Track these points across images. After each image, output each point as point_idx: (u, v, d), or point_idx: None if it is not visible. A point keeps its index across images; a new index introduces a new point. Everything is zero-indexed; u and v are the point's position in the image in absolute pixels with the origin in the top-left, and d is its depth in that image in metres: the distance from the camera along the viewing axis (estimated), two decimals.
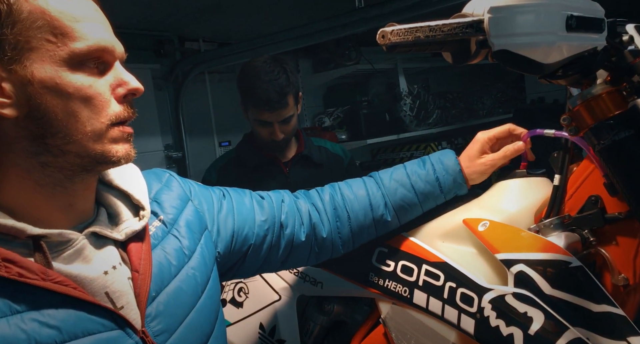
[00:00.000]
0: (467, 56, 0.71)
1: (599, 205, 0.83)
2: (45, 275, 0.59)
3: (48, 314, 0.59)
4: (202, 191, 0.91)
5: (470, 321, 0.86)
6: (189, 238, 0.80)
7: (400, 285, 0.99)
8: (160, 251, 0.74)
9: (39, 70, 0.60)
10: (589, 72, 0.76)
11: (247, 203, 0.95)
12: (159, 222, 0.78)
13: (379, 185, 1.02)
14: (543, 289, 0.78)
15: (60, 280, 0.60)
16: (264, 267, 0.96)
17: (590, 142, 0.78)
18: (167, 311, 0.70)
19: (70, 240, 0.64)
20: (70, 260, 0.64)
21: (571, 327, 0.74)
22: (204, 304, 0.77)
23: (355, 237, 1.01)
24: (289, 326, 1.17)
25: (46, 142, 0.62)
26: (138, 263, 0.69)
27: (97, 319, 0.62)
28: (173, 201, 0.82)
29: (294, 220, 0.96)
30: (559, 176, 0.89)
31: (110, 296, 0.65)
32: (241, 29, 2.85)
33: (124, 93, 0.67)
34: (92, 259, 0.66)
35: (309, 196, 1.03)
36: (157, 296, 0.70)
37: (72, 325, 0.60)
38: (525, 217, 0.91)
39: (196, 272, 0.78)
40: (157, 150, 2.76)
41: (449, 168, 0.99)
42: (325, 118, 3.23)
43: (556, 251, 0.79)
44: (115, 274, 0.67)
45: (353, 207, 1.00)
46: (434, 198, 1.00)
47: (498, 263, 0.86)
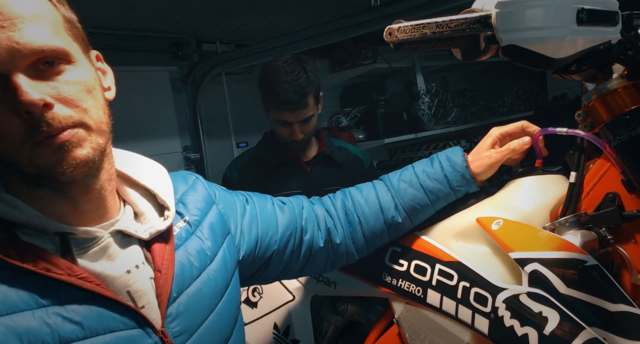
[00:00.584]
0: (477, 52, 0.70)
1: (617, 202, 0.80)
2: (71, 270, 0.60)
3: (72, 309, 0.60)
4: (226, 196, 0.91)
5: (485, 321, 0.85)
6: (212, 241, 0.80)
7: (414, 284, 0.98)
8: (183, 252, 0.75)
9: None
10: (604, 67, 0.74)
11: (270, 208, 0.95)
12: (183, 223, 0.78)
13: (388, 187, 1.01)
14: (558, 288, 0.77)
15: (85, 276, 0.61)
16: (284, 273, 0.97)
17: (606, 138, 0.76)
18: (187, 312, 0.71)
19: (96, 237, 0.65)
20: (95, 258, 0.65)
21: (587, 327, 0.72)
22: (224, 308, 0.78)
23: (369, 241, 1.00)
24: (303, 326, 1.18)
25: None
26: (161, 263, 0.70)
27: (119, 317, 0.63)
28: (198, 203, 0.83)
29: (312, 226, 0.97)
30: (575, 173, 0.86)
31: (132, 295, 0.66)
32: (257, 30, 2.86)
33: (23, 111, 0.58)
34: (116, 257, 0.67)
35: (323, 203, 1.03)
36: (178, 297, 0.70)
37: (94, 321, 0.61)
38: (540, 215, 0.89)
39: (217, 275, 0.78)
40: (176, 151, 2.80)
41: (456, 164, 0.98)
42: (342, 118, 3.22)
43: (572, 250, 0.78)
44: (137, 273, 0.68)
45: (364, 211, 1.00)
46: (444, 196, 0.99)
47: (512, 263, 0.84)
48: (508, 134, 0.99)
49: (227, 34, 2.93)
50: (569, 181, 0.87)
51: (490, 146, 0.98)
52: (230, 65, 2.78)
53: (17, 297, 0.57)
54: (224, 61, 2.78)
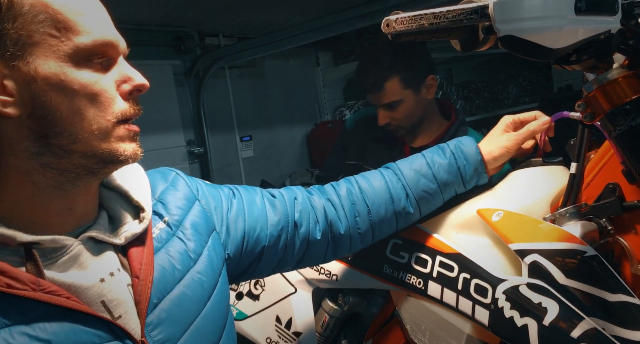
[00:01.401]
0: (476, 43, 0.70)
1: (617, 192, 0.80)
2: (36, 284, 0.56)
3: (39, 327, 0.56)
4: (210, 191, 0.87)
5: (485, 312, 0.85)
6: (195, 241, 0.76)
7: (415, 276, 0.98)
8: (163, 254, 0.71)
9: (43, 66, 0.58)
10: (604, 56, 0.73)
11: (259, 202, 0.91)
12: (163, 224, 0.74)
13: (398, 176, 0.98)
14: (558, 279, 0.77)
15: (53, 290, 0.57)
16: (279, 267, 0.93)
17: (607, 128, 0.76)
18: (170, 318, 0.67)
19: (65, 246, 0.61)
20: (65, 268, 0.61)
21: (586, 317, 0.72)
22: (211, 310, 0.74)
23: (376, 232, 0.97)
24: (304, 318, 1.18)
25: (50, 142, 0.60)
26: (138, 269, 0.66)
27: (92, 330, 0.59)
28: (179, 201, 0.79)
29: (308, 218, 0.92)
30: (576, 164, 0.86)
31: (107, 305, 0.62)
32: (260, 23, 2.85)
33: (130, 89, 0.65)
34: (88, 266, 0.63)
35: (324, 192, 0.99)
36: (159, 303, 0.67)
37: (64, 338, 0.57)
38: (540, 207, 0.89)
39: (202, 276, 0.74)
40: (180, 145, 2.81)
41: (469, 157, 0.96)
42: (346, 111, 3.22)
43: (571, 241, 0.78)
44: (113, 281, 0.64)
45: (373, 201, 0.96)
46: (455, 187, 0.98)
47: (512, 254, 0.84)
48: (520, 122, 0.98)
49: (230, 27, 2.93)
50: (570, 172, 0.87)
51: (503, 131, 0.98)
52: (233, 58, 2.78)
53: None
54: (227, 54, 2.78)
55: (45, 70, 0.58)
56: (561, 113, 0.90)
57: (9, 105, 0.58)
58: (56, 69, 0.58)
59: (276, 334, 1.21)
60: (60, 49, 0.59)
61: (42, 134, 0.60)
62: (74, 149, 0.61)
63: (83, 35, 0.60)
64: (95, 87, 0.61)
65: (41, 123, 0.59)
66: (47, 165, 0.61)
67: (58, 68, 0.58)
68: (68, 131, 0.60)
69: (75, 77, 0.59)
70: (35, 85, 0.58)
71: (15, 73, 0.57)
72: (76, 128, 0.60)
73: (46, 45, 0.58)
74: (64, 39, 0.59)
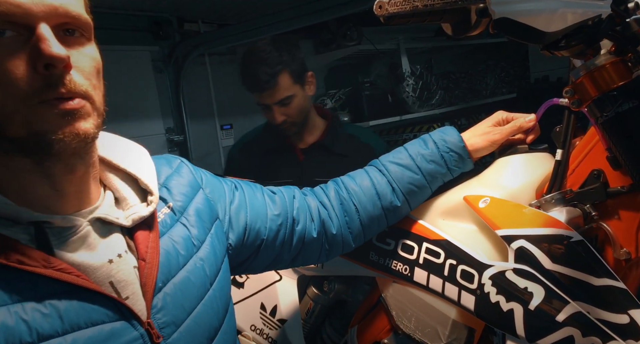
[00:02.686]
0: (468, 27, 0.69)
1: (602, 179, 0.81)
2: (47, 262, 0.56)
3: (50, 303, 0.56)
4: (214, 181, 0.88)
5: (471, 298, 0.86)
6: (199, 227, 0.76)
7: (401, 263, 0.98)
8: (168, 239, 0.71)
9: None
10: (592, 42, 0.73)
11: (260, 197, 0.92)
12: (167, 209, 0.74)
13: (382, 172, 0.99)
14: (544, 264, 0.77)
15: (63, 267, 0.57)
16: (274, 264, 0.94)
17: (593, 115, 0.76)
18: (174, 302, 0.67)
19: (74, 226, 0.61)
20: (74, 247, 0.61)
21: (572, 301, 0.73)
22: (213, 297, 0.74)
23: (366, 230, 0.98)
24: (290, 305, 1.18)
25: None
26: (145, 252, 0.66)
27: (101, 309, 0.59)
28: (183, 188, 0.79)
29: (305, 216, 0.94)
30: (561, 150, 0.87)
31: (115, 286, 0.62)
32: (241, 9, 2.81)
33: (42, 64, 0.56)
34: (96, 246, 0.63)
35: (316, 194, 1.00)
36: (164, 286, 0.67)
37: (75, 315, 0.57)
38: (526, 193, 0.90)
39: (205, 263, 0.74)
40: (159, 133, 2.75)
41: (452, 145, 0.97)
42: (327, 100, 3.20)
43: (557, 226, 0.78)
44: (120, 262, 0.64)
45: (360, 199, 0.97)
46: (441, 177, 0.99)
47: (499, 240, 0.85)
48: (511, 119, 1.00)
49: (210, 13, 2.87)
50: (555, 158, 0.87)
51: (493, 125, 0.99)
52: (213, 45, 2.73)
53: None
54: (207, 41, 2.73)
55: None
56: (551, 101, 0.90)
57: None
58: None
59: (261, 322, 1.20)
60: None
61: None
62: (2, 135, 0.57)
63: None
64: (4, 65, 0.55)
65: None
66: (4, 150, 0.58)
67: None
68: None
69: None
70: None
71: None
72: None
73: None
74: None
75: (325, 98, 3.21)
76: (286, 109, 1.58)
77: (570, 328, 0.73)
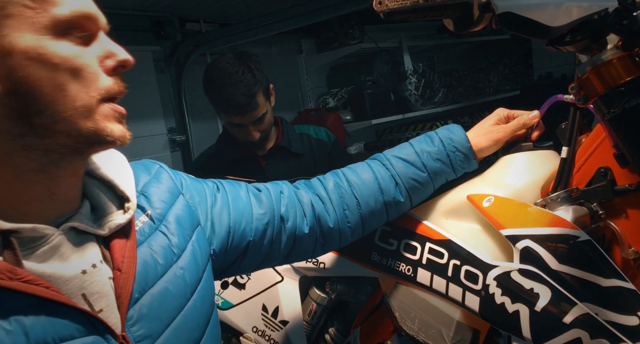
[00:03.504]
0: (470, 23, 0.68)
1: (609, 176, 0.79)
2: (13, 273, 0.53)
3: (15, 319, 0.53)
4: (195, 185, 0.85)
5: (475, 299, 0.84)
6: (179, 235, 0.74)
7: (404, 263, 0.97)
8: (146, 248, 0.69)
9: (19, 39, 0.54)
10: (598, 37, 0.71)
11: (244, 196, 0.89)
12: (146, 217, 0.72)
13: (386, 166, 0.96)
14: (550, 264, 0.76)
15: (31, 279, 0.54)
16: (266, 263, 0.91)
17: (600, 111, 0.75)
18: (151, 314, 0.65)
19: (45, 235, 0.58)
20: (45, 258, 0.58)
21: (579, 302, 0.72)
22: (194, 307, 0.72)
23: (366, 224, 0.96)
24: (291, 307, 1.16)
25: (31, 121, 0.56)
26: (121, 261, 0.64)
27: (71, 323, 0.56)
28: (162, 195, 0.76)
29: (295, 212, 0.90)
30: (567, 148, 0.85)
31: (87, 298, 0.60)
32: (242, 9, 2.80)
33: (114, 65, 0.61)
34: (69, 257, 0.60)
35: (311, 187, 0.97)
36: (141, 297, 0.65)
37: (42, 331, 0.54)
38: (531, 192, 0.88)
39: (185, 272, 0.72)
40: (161, 133, 2.74)
41: (458, 144, 0.95)
42: (329, 99, 3.19)
43: (563, 226, 0.77)
44: (94, 273, 0.61)
45: (362, 192, 0.94)
46: (445, 175, 0.97)
47: (503, 239, 0.83)
48: (513, 116, 0.98)
49: (211, 13, 2.86)
50: (561, 156, 0.86)
51: (495, 123, 0.97)
52: (215, 44, 2.72)
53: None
54: (208, 40, 2.72)
55: (22, 43, 0.55)
56: (555, 97, 0.88)
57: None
58: (34, 42, 0.55)
59: (263, 323, 1.18)
60: (37, 21, 0.55)
61: (23, 113, 0.56)
62: (57, 129, 0.58)
63: (60, 5, 0.57)
64: (78, 60, 0.58)
65: (21, 101, 0.56)
66: (29, 146, 0.58)
67: (35, 41, 0.55)
68: (50, 109, 0.57)
69: (55, 50, 0.56)
70: (12, 59, 0.54)
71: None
72: (58, 105, 0.57)
73: (21, 17, 0.55)
74: (40, 10, 0.55)
75: (327, 97, 3.20)
76: (261, 126, 1.61)
77: (578, 330, 0.71)
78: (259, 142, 1.65)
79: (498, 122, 0.98)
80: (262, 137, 1.64)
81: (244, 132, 1.60)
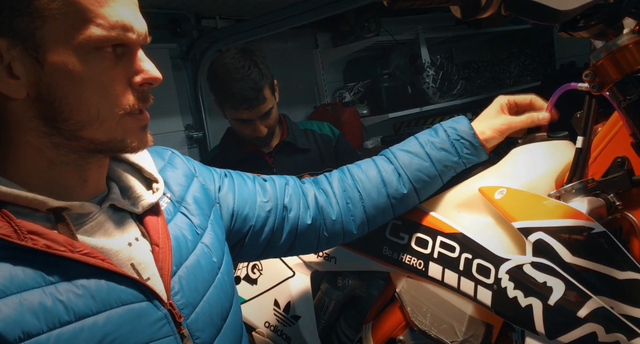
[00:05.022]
0: (478, 9, 0.66)
1: (626, 166, 0.77)
2: (73, 246, 0.58)
3: (81, 284, 0.58)
4: (204, 170, 0.89)
5: (487, 293, 0.82)
6: (199, 215, 0.78)
7: (415, 257, 0.95)
8: (174, 225, 0.73)
9: (52, 53, 0.57)
10: (613, 21, 0.69)
11: (250, 185, 0.92)
12: (167, 199, 0.76)
13: (390, 160, 0.97)
14: (563, 257, 0.73)
15: (88, 252, 0.59)
16: (267, 252, 0.93)
17: (616, 98, 0.72)
18: (189, 285, 0.69)
19: (91, 212, 0.63)
20: (92, 232, 0.63)
21: (594, 296, 0.69)
22: (222, 280, 0.76)
23: (370, 218, 0.96)
24: (303, 302, 1.16)
25: (58, 125, 0.60)
26: (157, 237, 0.68)
27: (128, 289, 0.61)
28: (178, 178, 0.81)
29: (298, 203, 0.93)
30: (582, 138, 0.82)
31: (136, 268, 0.64)
32: (257, 4, 2.79)
33: (140, 82, 0.63)
34: (112, 232, 0.65)
35: (317, 182, 1.00)
36: (178, 270, 0.69)
37: (106, 295, 0.59)
38: (545, 183, 0.85)
39: (210, 249, 0.76)
40: (178, 130, 2.77)
41: (462, 132, 0.94)
42: (345, 93, 3.17)
43: (577, 217, 0.74)
44: (138, 246, 0.66)
45: (365, 186, 0.95)
46: (452, 166, 0.95)
47: (516, 232, 0.81)
48: (515, 104, 0.96)
49: (227, 9, 2.86)
50: (576, 146, 0.83)
51: (498, 113, 0.95)
52: (231, 41, 2.72)
53: (24, 275, 0.55)
54: (224, 37, 2.73)
55: (54, 58, 0.57)
56: (567, 85, 0.85)
57: (14, 87, 0.57)
58: (65, 58, 0.58)
59: (275, 318, 1.18)
60: (73, 36, 0.57)
61: (50, 118, 0.60)
62: (81, 135, 0.61)
63: (98, 25, 0.58)
64: (104, 78, 0.60)
65: (48, 108, 0.59)
66: (58, 144, 0.62)
67: (67, 57, 0.57)
68: (74, 119, 0.60)
69: (83, 67, 0.58)
70: (42, 70, 0.57)
71: (23, 55, 0.56)
72: (82, 117, 0.60)
73: (59, 32, 0.57)
74: (79, 28, 0.57)
75: (343, 91, 3.18)
76: (268, 120, 1.61)
77: (593, 324, 0.69)
78: (265, 138, 1.66)
79: (501, 111, 0.96)
80: (268, 133, 1.64)
81: (251, 127, 1.60)
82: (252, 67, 1.54)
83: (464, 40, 3.91)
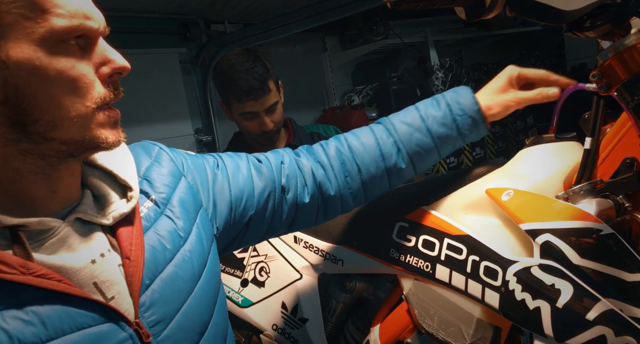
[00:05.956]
0: (482, 10, 0.66)
1: (635, 167, 0.76)
2: (25, 268, 0.54)
3: (31, 310, 0.54)
4: (195, 163, 0.84)
5: (495, 295, 0.82)
6: (184, 219, 0.74)
7: (422, 260, 0.95)
8: (153, 234, 0.69)
9: (15, 50, 0.54)
10: (620, 21, 0.68)
11: (244, 169, 0.88)
12: (150, 203, 0.72)
13: (390, 131, 0.93)
14: (571, 259, 0.73)
15: (43, 273, 0.55)
16: (269, 234, 0.91)
17: (624, 99, 0.71)
18: (163, 299, 0.65)
19: (52, 228, 0.59)
20: (54, 250, 0.59)
21: (602, 298, 0.69)
22: (202, 289, 0.72)
23: (367, 190, 0.94)
24: (311, 304, 1.16)
25: (27, 129, 0.57)
26: (129, 249, 0.64)
27: (86, 312, 0.57)
28: (165, 178, 0.76)
29: (295, 182, 0.90)
30: (590, 139, 0.82)
31: (99, 287, 0.60)
32: (266, 8, 2.81)
33: (109, 72, 0.61)
34: (77, 247, 0.61)
35: (313, 153, 0.95)
36: (151, 283, 0.65)
37: (59, 320, 0.55)
38: (553, 185, 0.85)
39: (193, 255, 0.72)
40: (188, 134, 2.78)
41: (466, 107, 0.90)
42: (354, 97, 3.17)
43: (585, 219, 0.73)
44: (104, 262, 0.62)
45: (363, 159, 0.92)
46: (451, 142, 0.92)
47: (523, 234, 0.80)
48: (527, 77, 0.92)
49: (236, 14, 2.88)
50: (584, 147, 0.82)
51: (506, 85, 0.91)
52: (240, 45, 2.73)
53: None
54: (233, 41, 2.74)
55: (18, 55, 0.54)
56: (575, 86, 0.85)
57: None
58: (30, 54, 0.55)
59: (282, 321, 1.18)
60: (35, 32, 0.55)
61: (18, 121, 0.56)
62: (52, 136, 0.58)
63: (59, 16, 0.56)
64: (73, 72, 0.57)
65: (16, 111, 0.56)
66: (25, 151, 0.58)
67: (32, 53, 0.55)
68: (45, 119, 0.57)
69: (50, 62, 0.56)
70: (7, 71, 0.54)
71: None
72: (53, 116, 0.57)
73: (19, 27, 0.54)
74: (39, 21, 0.55)
75: (352, 94, 3.18)
76: (273, 116, 1.62)
77: (602, 326, 0.68)
78: (272, 136, 1.66)
79: (510, 84, 0.92)
80: (276, 130, 1.64)
81: (257, 122, 1.61)
82: (256, 61, 1.57)
83: (473, 42, 3.89)
